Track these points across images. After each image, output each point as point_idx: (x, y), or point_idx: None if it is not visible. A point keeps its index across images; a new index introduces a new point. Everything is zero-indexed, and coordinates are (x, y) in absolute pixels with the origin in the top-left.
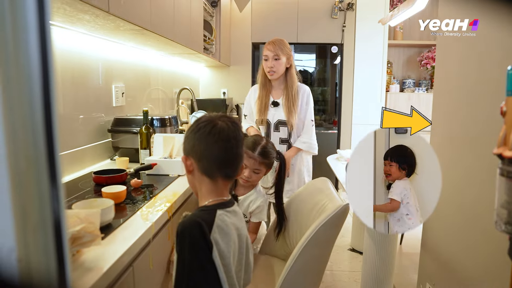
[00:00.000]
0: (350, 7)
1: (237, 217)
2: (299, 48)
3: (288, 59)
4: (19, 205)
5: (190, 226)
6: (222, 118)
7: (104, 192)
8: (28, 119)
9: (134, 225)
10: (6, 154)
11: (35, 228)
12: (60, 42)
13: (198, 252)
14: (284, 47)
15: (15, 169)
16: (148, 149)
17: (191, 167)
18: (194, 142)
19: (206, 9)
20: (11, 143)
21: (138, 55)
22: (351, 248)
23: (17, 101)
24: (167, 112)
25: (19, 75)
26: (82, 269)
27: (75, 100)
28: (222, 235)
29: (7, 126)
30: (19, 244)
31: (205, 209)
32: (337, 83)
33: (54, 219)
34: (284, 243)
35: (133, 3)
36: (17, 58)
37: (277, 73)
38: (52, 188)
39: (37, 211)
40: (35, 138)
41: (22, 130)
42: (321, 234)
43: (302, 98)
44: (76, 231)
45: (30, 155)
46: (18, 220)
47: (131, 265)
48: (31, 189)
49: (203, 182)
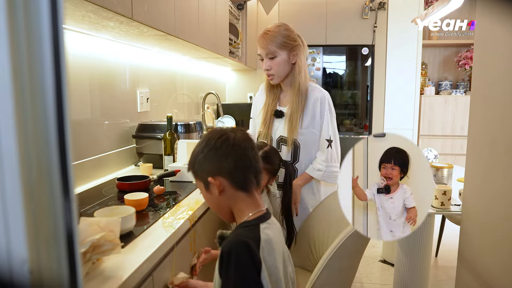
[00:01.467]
0: (381, 7)
1: (277, 228)
2: (329, 50)
3: (292, 53)
4: (32, 217)
5: (237, 246)
6: (232, 129)
7: (126, 199)
8: (42, 131)
9: (155, 234)
10: (19, 165)
11: (47, 240)
12: (87, 49)
13: (245, 276)
14: (282, 37)
15: (27, 181)
16: (172, 155)
17: (221, 187)
18: (219, 159)
19: (232, 12)
20: (24, 155)
21: (163, 60)
22: (382, 259)
23: (30, 112)
24: (192, 117)
25: (33, 87)
26: (101, 277)
27: (101, 106)
28: (270, 250)
29: (20, 138)
30: (31, 256)
31: (247, 225)
32: (368, 85)
33: (66, 232)
34: (310, 253)
35: (157, 9)
36: (31, 69)
37: (277, 76)
38: (64, 201)
39: (50, 223)
40: (48, 150)
41: (35, 142)
42: (349, 244)
43: (315, 107)
44: (96, 240)
45: (42, 167)
46: (31, 232)
47: (150, 275)
48: (43, 201)
49: (237, 199)
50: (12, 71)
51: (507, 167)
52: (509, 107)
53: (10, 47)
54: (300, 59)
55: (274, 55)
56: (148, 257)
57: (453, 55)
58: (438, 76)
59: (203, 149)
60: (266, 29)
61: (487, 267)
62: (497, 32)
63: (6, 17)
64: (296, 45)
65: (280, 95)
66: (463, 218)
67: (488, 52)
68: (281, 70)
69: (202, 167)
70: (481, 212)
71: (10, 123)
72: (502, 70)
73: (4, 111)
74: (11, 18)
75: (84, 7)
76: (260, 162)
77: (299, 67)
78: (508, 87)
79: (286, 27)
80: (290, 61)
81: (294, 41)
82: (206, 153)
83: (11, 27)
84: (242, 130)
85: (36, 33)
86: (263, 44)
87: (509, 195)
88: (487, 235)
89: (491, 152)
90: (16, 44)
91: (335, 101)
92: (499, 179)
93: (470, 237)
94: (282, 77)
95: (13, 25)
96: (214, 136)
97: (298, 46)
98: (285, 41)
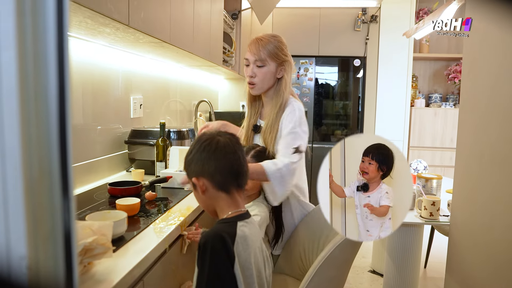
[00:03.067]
0: (373, 20)
1: (255, 228)
2: (321, 61)
3: (280, 67)
4: (32, 214)
5: (213, 239)
6: (220, 133)
7: (118, 204)
8: (44, 132)
9: (146, 239)
10: (21, 165)
11: (46, 237)
12: (81, 54)
13: (219, 265)
14: (274, 48)
15: (29, 180)
16: (164, 161)
17: (204, 187)
18: (203, 161)
19: (226, 21)
20: (26, 154)
21: (157, 67)
22: (372, 269)
23: (34, 114)
24: (185, 124)
25: (37, 91)
26: (92, 281)
27: (93, 111)
28: (245, 246)
29: (23, 138)
30: (30, 253)
31: (226, 221)
32: (360, 97)
33: (64, 230)
34: (299, 261)
35: (153, 16)
36: (36, 73)
37: (259, 87)
38: (64, 200)
39: (49, 221)
40: (49, 150)
41: (38, 142)
42: (338, 254)
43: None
44: (88, 243)
45: (43, 167)
46: (30, 229)
47: (141, 279)
48: (43, 199)
49: (219, 198)
50: (18, 75)
51: (494, 178)
52: (496, 120)
53: (18, 54)
54: (287, 75)
55: (263, 64)
56: (139, 261)
57: (443, 68)
58: (428, 89)
59: (192, 151)
60: (260, 36)
61: (475, 278)
62: (485, 47)
63: (15, 24)
64: (286, 60)
65: (262, 109)
66: (451, 228)
67: (476, 66)
68: (266, 82)
69: (190, 168)
70: (469, 223)
71: (14, 124)
72: (489, 84)
73: (9, 112)
74: (20, 25)
75: (82, 13)
76: (245, 165)
77: (285, 82)
78: (495, 101)
79: (280, 39)
80: (276, 75)
81: (285, 55)
82: (193, 155)
83: (19, 34)
84: (230, 134)
85: (42, 40)
86: (254, 49)
87: (497, 206)
88: (475, 245)
89: (479, 164)
90: (23, 51)
91: (327, 111)
92: (487, 191)
93: (458, 247)
94: (263, 89)
95: (21, 32)
96: (201, 139)
97: (287, 62)
98: (277, 53)
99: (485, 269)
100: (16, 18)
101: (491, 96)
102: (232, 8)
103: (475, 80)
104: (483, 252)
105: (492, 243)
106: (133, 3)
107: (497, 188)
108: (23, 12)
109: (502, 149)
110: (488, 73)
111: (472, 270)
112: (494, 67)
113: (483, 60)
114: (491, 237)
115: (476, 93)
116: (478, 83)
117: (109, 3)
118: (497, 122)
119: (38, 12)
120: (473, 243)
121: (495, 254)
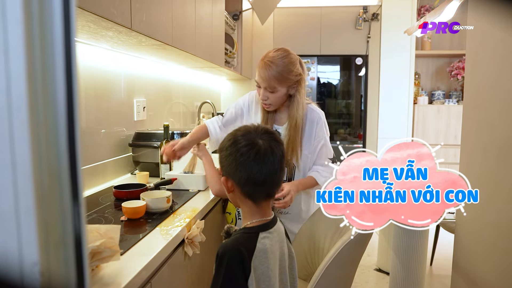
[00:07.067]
0: (375, 18)
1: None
2: (323, 60)
3: (293, 85)
4: (43, 220)
5: (230, 254)
6: (263, 136)
7: (123, 207)
8: (53, 139)
9: (152, 241)
10: (31, 172)
11: (57, 243)
12: (84, 58)
13: (232, 281)
14: (285, 73)
15: (39, 187)
16: (168, 163)
17: (231, 188)
18: (237, 166)
19: (227, 23)
20: (36, 160)
21: (160, 69)
22: (378, 268)
23: (43, 121)
24: (188, 126)
25: (45, 94)
26: (100, 284)
27: (97, 115)
28: (263, 260)
29: (33, 146)
30: (42, 258)
31: (247, 232)
32: (362, 95)
33: (75, 235)
34: (304, 261)
35: (155, 19)
36: (44, 76)
37: (274, 106)
38: (73, 205)
39: (59, 226)
40: (58, 156)
41: (47, 149)
42: (345, 254)
43: (311, 129)
44: (96, 246)
45: (53, 172)
46: (42, 235)
47: (149, 281)
48: (54, 205)
49: (245, 204)
50: (27, 84)
51: (499, 174)
52: (500, 116)
53: (26, 63)
54: (299, 92)
55: (274, 91)
56: (146, 264)
57: (446, 65)
58: (431, 86)
59: (227, 148)
60: (269, 58)
61: (482, 274)
62: (488, 43)
63: (23, 34)
64: (297, 79)
65: (275, 115)
66: (457, 225)
67: (479, 62)
68: (279, 101)
69: (222, 162)
70: (475, 220)
71: (24, 132)
72: (493, 80)
73: (19, 121)
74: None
75: (84, 17)
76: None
77: (299, 96)
78: (499, 97)
79: (289, 59)
80: (288, 93)
81: (296, 75)
82: (228, 153)
83: (27, 43)
84: (275, 138)
85: (49, 48)
86: (265, 76)
87: (501, 202)
88: (481, 242)
89: (483, 160)
90: (31, 60)
91: (330, 110)
92: (492, 187)
93: (464, 244)
94: (279, 105)
95: (29, 41)
96: (241, 140)
97: (299, 79)
98: (287, 77)
99: (491, 265)
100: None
101: (495, 92)
102: (233, 9)
103: (478, 76)
104: (489, 248)
105: (497, 239)
106: (135, 7)
107: (502, 184)
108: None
109: (507, 145)
110: (492, 68)
111: (478, 266)
112: (498, 62)
113: (486, 56)
114: (497, 233)
115: (480, 89)
116: (481, 79)
117: (111, 7)
118: (502, 118)
119: (45, 21)
120: (479, 239)
121: (501, 250)
